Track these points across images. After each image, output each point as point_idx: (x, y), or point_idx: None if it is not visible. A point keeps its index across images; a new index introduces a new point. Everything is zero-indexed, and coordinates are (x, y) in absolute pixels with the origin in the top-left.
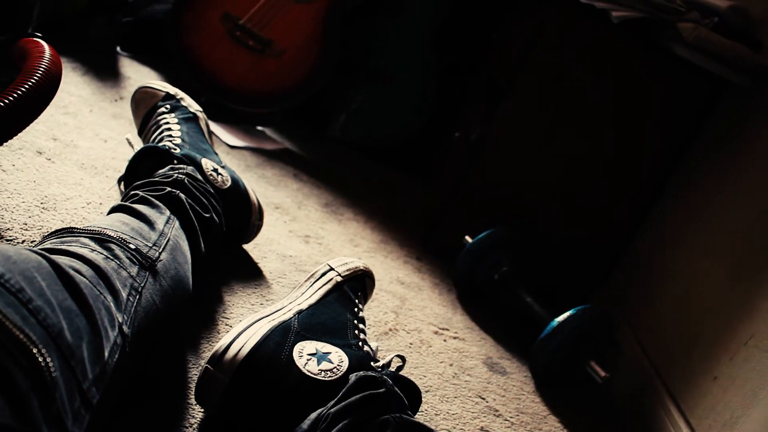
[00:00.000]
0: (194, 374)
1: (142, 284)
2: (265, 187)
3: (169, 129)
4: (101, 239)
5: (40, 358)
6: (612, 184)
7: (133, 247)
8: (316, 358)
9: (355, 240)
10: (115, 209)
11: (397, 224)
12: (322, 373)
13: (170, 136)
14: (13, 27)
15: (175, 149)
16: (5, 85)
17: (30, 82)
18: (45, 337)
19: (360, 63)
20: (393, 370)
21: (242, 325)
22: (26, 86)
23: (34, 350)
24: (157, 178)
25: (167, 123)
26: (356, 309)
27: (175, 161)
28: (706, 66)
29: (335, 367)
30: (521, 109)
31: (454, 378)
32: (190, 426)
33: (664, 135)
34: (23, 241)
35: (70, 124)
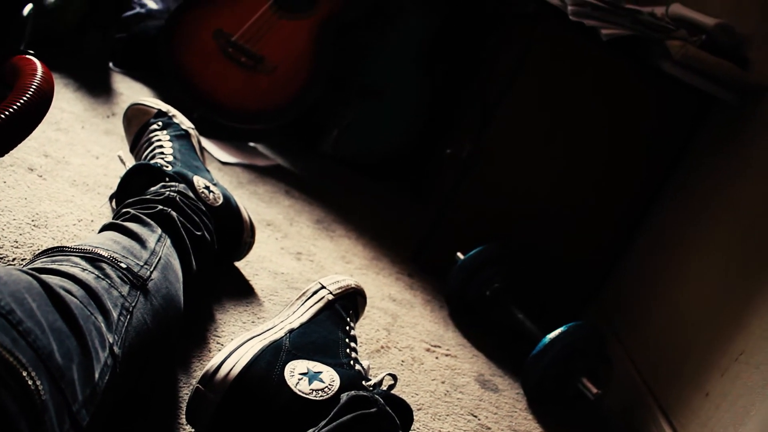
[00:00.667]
0: (185, 394)
1: (133, 304)
2: (257, 203)
3: (161, 146)
4: (92, 258)
5: (29, 381)
6: (602, 201)
7: (124, 266)
8: (308, 378)
9: (346, 257)
10: (106, 227)
11: (389, 240)
12: (314, 392)
13: (162, 153)
14: (6, 44)
15: (167, 167)
16: None
17: (21, 100)
18: (35, 359)
19: (352, 79)
20: (384, 388)
21: (233, 344)
22: (18, 104)
23: (24, 373)
24: (148, 196)
25: (159, 140)
26: (348, 327)
27: (166, 179)
28: (695, 83)
29: (326, 387)
30: (511, 126)
31: (446, 395)
32: None
33: (654, 152)
34: (14, 259)
35: (61, 140)
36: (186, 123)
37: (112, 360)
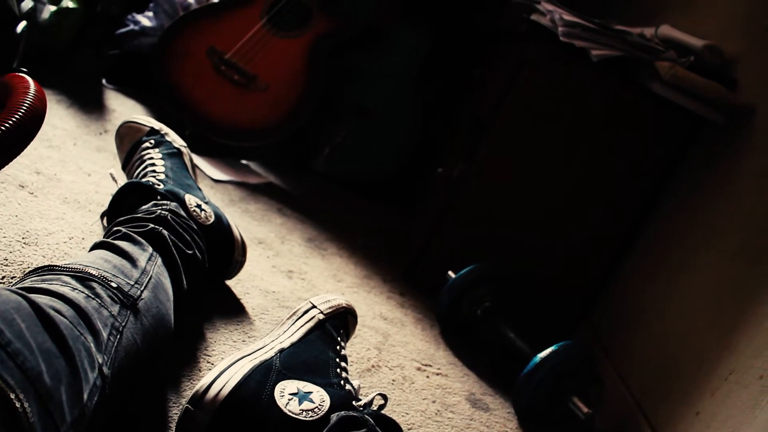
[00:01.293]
0: (174, 414)
1: (123, 323)
2: (249, 221)
3: (153, 164)
4: (82, 277)
5: (17, 404)
6: (593, 220)
7: (114, 285)
8: (298, 398)
9: (338, 275)
10: (97, 245)
11: (381, 259)
12: (304, 413)
13: (154, 171)
14: None
15: (159, 185)
16: None
17: (13, 119)
18: (23, 381)
19: (344, 98)
20: (375, 408)
21: (223, 363)
22: (9, 123)
23: (12, 395)
24: (140, 214)
25: (151, 158)
26: (338, 347)
27: (158, 197)
28: (683, 104)
29: (316, 407)
30: (502, 145)
31: (437, 415)
32: None
33: (644, 171)
34: (3, 277)
35: (53, 157)
36: (178, 141)
37: (101, 381)
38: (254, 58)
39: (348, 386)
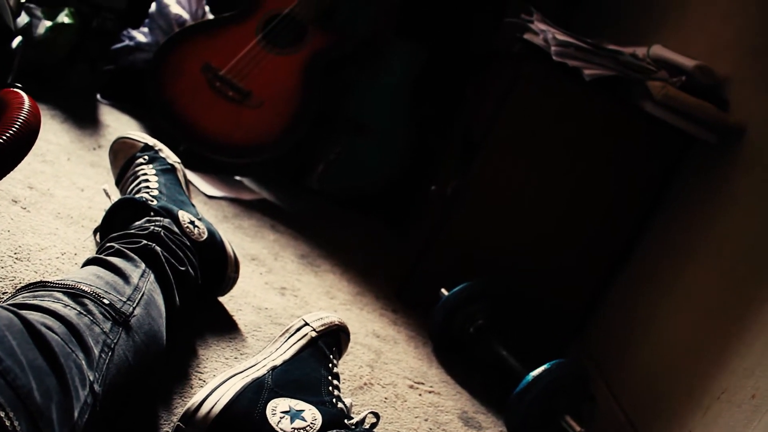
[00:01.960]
0: (166, 431)
1: (115, 340)
2: (242, 237)
3: (147, 180)
4: (75, 294)
5: (7, 422)
6: (586, 237)
7: (106, 302)
8: (290, 416)
9: (331, 292)
10: (90, 261)
11: (374, 276)
12: (295, 431)
13: (148, 187)
14: None
15: (152, 201)
16: None
17: (7, 134)
18: (13, 399)
19: (338, 115)
20: (367, 427)
21: (215, 381)
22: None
23: (2, 413)
24: (133, 231)
25: (145, 174)
26: (331, 365)
27: (151, 213)
28: (675, 123)
29: (308, 425)
30: (495, 163)
31: None
32: None
33: (637, 189)
34: None
35: (47, 172)
36: (172, 157)
37: (92, 398)
38: (249, 75)
39: (340, 404)
